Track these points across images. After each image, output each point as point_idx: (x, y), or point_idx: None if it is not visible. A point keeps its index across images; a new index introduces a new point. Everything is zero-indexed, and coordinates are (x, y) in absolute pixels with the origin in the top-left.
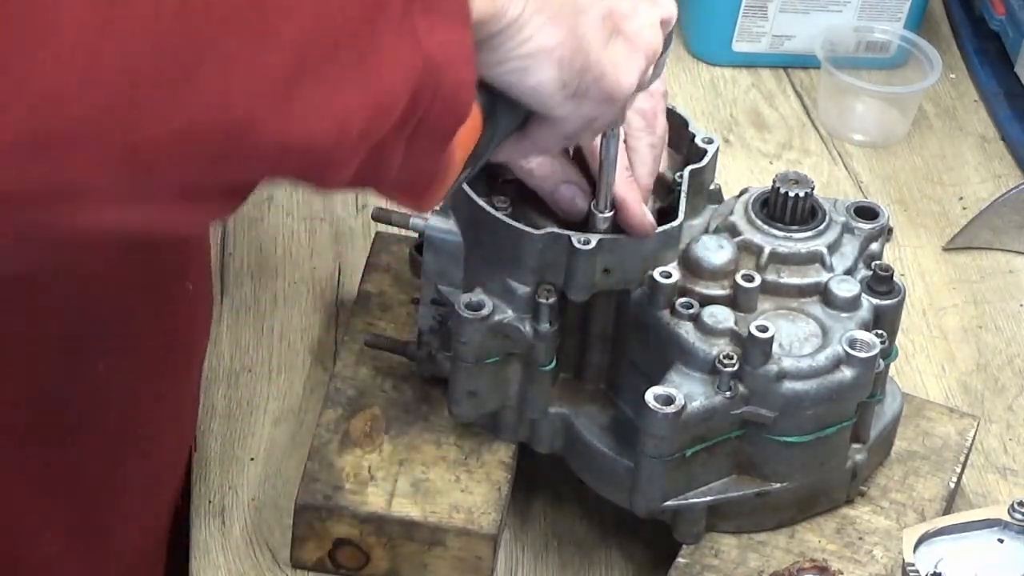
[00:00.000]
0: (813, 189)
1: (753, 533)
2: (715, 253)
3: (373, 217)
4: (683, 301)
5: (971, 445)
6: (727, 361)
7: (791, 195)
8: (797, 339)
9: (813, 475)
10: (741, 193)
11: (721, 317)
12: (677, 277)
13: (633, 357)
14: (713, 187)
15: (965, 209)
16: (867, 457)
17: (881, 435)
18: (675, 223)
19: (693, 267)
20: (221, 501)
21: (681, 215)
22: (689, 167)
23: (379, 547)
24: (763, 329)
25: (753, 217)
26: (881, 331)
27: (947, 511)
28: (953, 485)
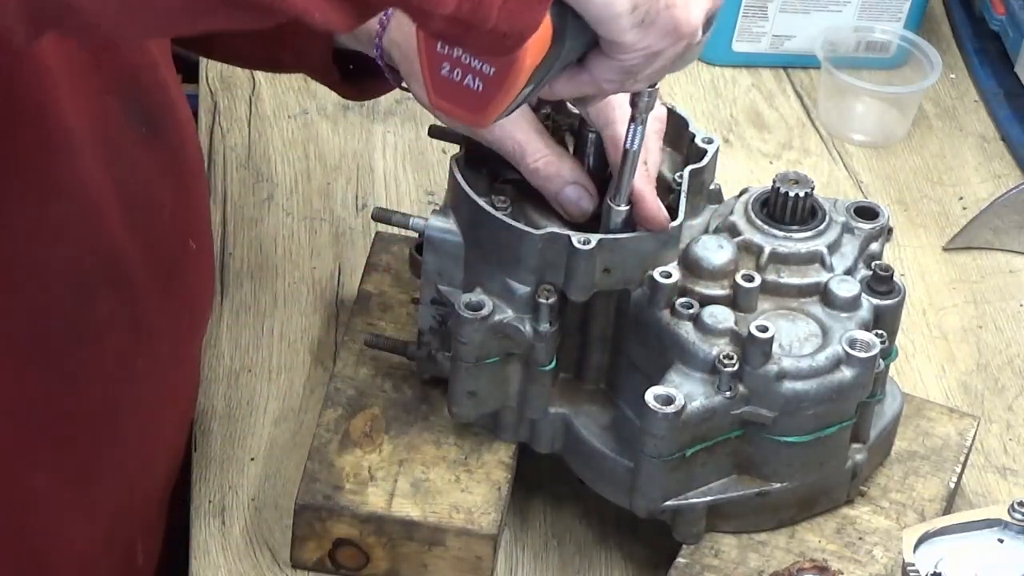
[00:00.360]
0: (813, 189)
1: (753, 533)
2: (715, 253)
3: (373, 217)
4: (683, 301)
5: (971, 445)
6: (727, 361)
7: (791, 195)
8: (797, 339)
9: (813, 475)
10: (741, 193)
11: (721, 317)
12: (677, 277)
13: (633, 357)
14: (713, 187)
15: (965, 209)
16: (867, 457)
17: (881, 435)
18: (675, 223)
19: (693, 267)
20: (221, 501)
21: (681, 215)
22: (689, 167)
23: (379, 547)
24: (763, 329)
25: (753, 217)
26: (881, 331)
27: (947, 511)
28: (953, 485)
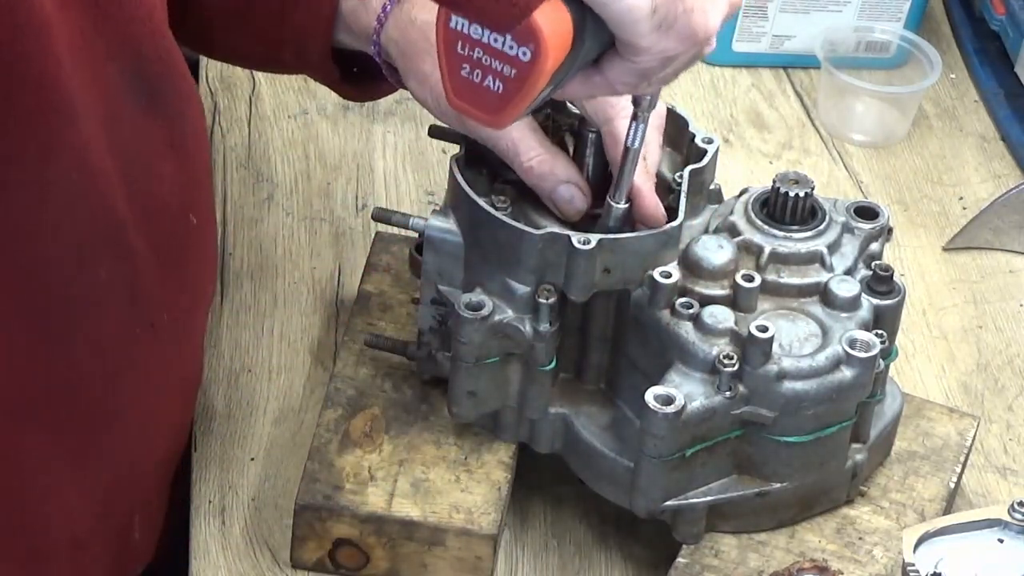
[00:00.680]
0: (813, 189)
1: (753, 533)
2: (715, 253)
3: (373, 217)
4: (683, 301)
5: (971, 445)
6: (727, 361)
7: (791, 195)
8: (797, 339)
9: (813, 475)
10: (741, 193)
11: (721, 317)
12: (677, 277)
13: (633, 357)
14: (713, 187)
15: (965, 209)
16: (867, 457)
17: (881, 435)
18: (675, 223)
19: (693, 267)
20: (221, 501)
21: (681, 215)
22: (689, 167)
23: (379, 547)
24: (763, 329)
25: (753, 217)
26: (881, 331)
27: (947, 511)
28: (953, 485)
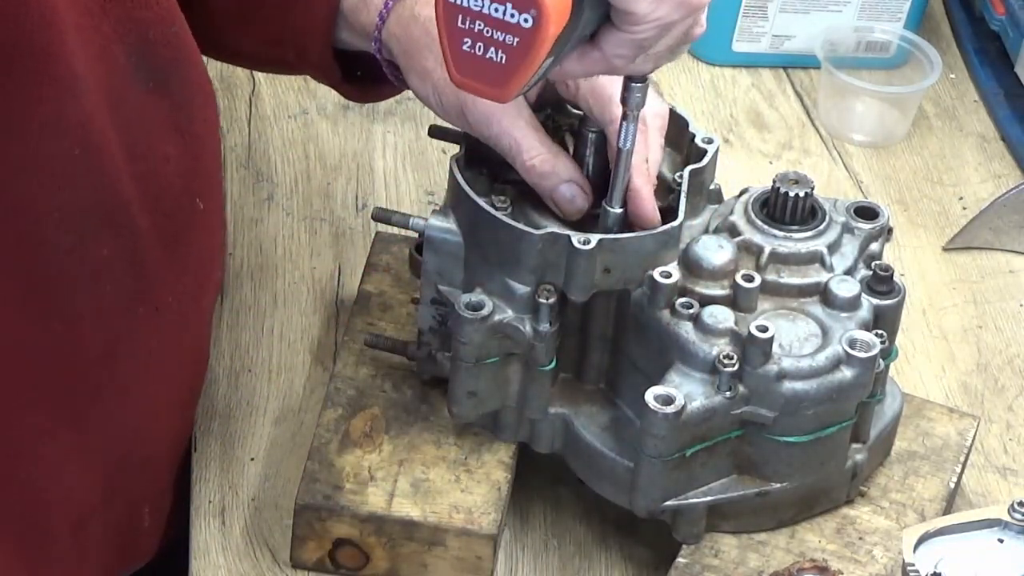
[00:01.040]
0: (813, 189)
1: (753, 533)
2: (715, 253)
3: (373, 217)
4: (683, 301)
5: (971, 445)
6: (727, 361)
7: (791, 195)
8: (797, 339)
9: (813, 475)
10: (741, 193)
11: (721, 317)
12: (677, 277)
13: (633, 357)
14: (713, 187)
15: (965, 209)
16: (867, 457)
17: (881, 435)
18: (675, 223)
19: (693, 267)
20: (221, 501)
21: (681, 215)
22: (689, 167)
23: (379, 547)
24: (763, 329)
25: (753, 217)
26: (881, 331)
27: (947, 511)
28: (953, 485)
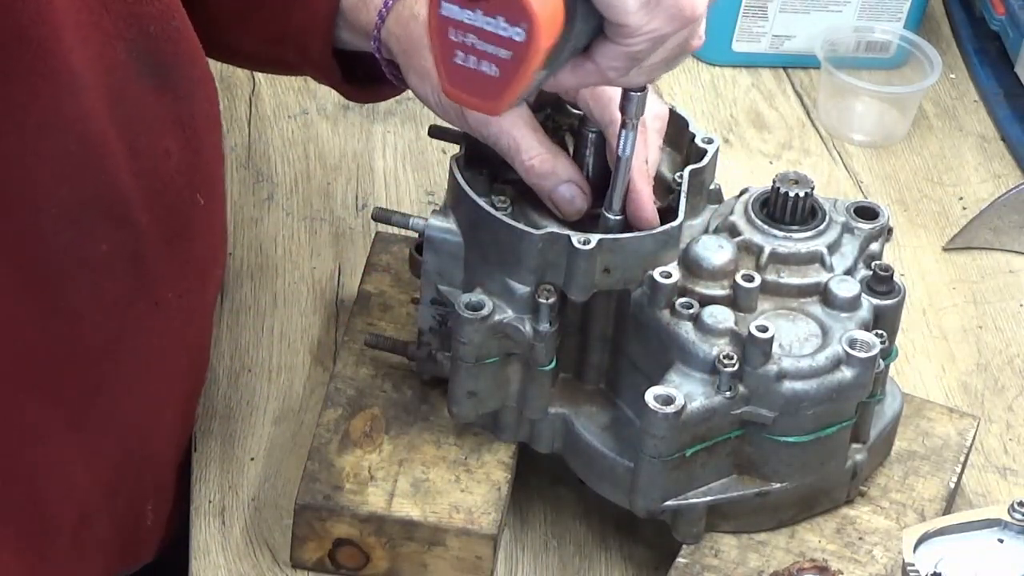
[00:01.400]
0: (813, 189)
1: (753, 533)
2: (715, 253)
3: (373, 217)
4: (683, 301)
5: (971, 445)
6: (727, 361)
7: (791, 195)
8: (797, 339)
9: (813, 475)
10: (741, 193)
11: (721, 317)
12: (677, 277)
13: (633, 357)
14: (713, 187)
15: (965, 209)
16: (867, 457)
17: (881, 435)
18: (675, 223)
19: (693, 267)
20: (221, 501)
21: (681, 215)
22: (689, 167)
23: (379, 547)
24: (763, 329)
25: (753, 217)
26: (881, 331)
27: (947, 511)
28: (953, 485)
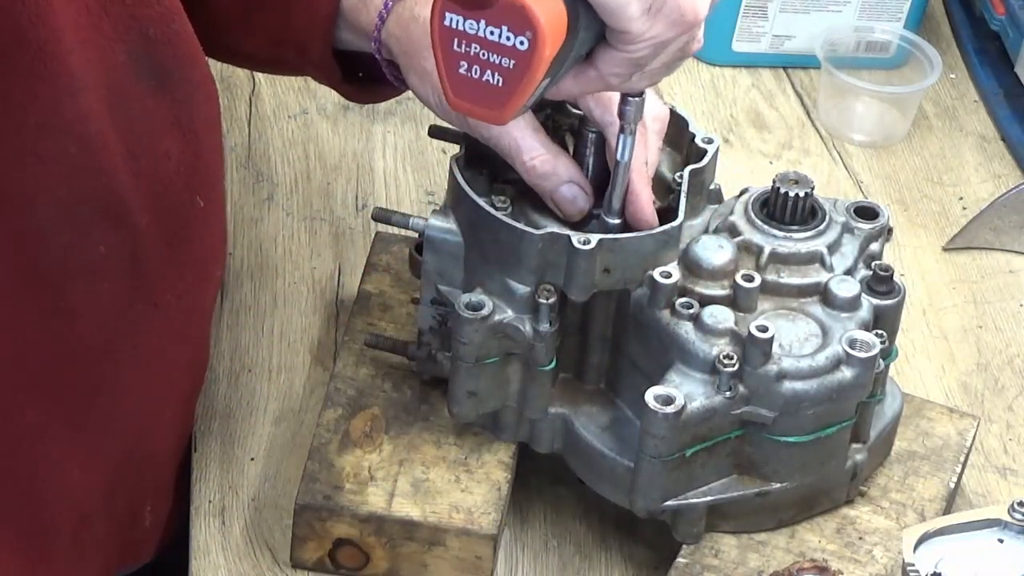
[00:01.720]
0: (813, 189)
1: (753, 533)
2: (715, 253)
3: (373, 217)
4: (683, 301)
5: (971, 445)
6: (727, 361)
7: (791, 195)
8: (797, 339)
9: (813, 475)
10: (741, 193)
11: (721, 317)
12: (677, 277)
13: (633, 357)
14: (713, 187)
15: (965, 209)
16: (867, 457)
17: (881, 435)
18: (675, 223)
19: (693, 267)
20: (221, 501)
21: (681, 215)
22: (689, 167)
23: (379, 547)
24: (763, 329)
25: (753, 217)
26: (881, 331)
27: (947, 511)
28: (953, 485)
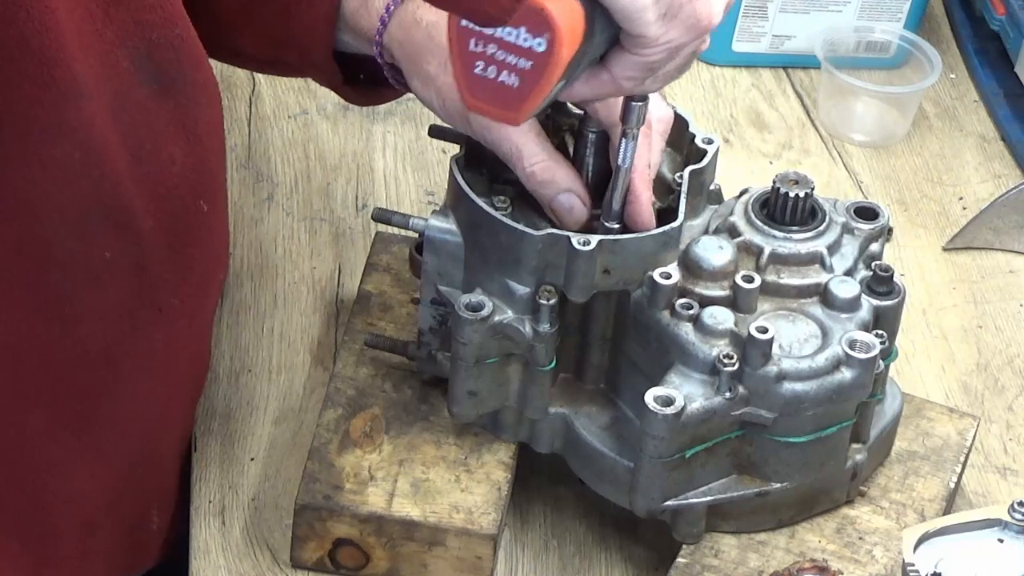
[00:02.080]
0: (813, 189)
1: (753, 533)
2: (715, 254)
3: (373, 217)
4: (683, 302)
5: (971, 445)
6: (727, 362)
7: (791, 195)
8: (797, 340)
9: (813, 475)
10: (741, 193)
11: (721, 318)
12: (677, 278)
13: (633, 357)
14: (713, 187)
15: (965, 209)
16: (867, 457)
17: (881, 435)
18: (675, 224)
19: (693, 268)
20: (221, 501)
21: (681, 215)
22: (689, 167)
23: (379, 547)
24: (763, 330)
25: (753, 217)
26: (881, 331)
27: (947, 511)
28: (953, 485)
